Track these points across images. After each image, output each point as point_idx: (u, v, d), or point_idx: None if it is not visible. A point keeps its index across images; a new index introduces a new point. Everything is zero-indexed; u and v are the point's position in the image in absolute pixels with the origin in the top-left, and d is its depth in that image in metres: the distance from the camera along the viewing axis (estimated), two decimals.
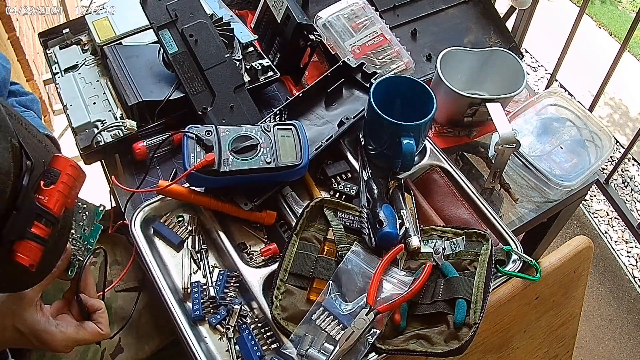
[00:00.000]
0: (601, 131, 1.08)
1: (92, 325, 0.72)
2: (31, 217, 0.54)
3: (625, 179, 2.52)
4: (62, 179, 0.58)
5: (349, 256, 0.83)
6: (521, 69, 1.06)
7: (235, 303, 0.83)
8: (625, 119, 2.96)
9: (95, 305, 0.73)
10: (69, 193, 0.59)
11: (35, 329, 0.67)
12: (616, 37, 3.42)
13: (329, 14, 1.13)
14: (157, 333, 0.94)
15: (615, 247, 2.18)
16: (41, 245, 0.55)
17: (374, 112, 0.89)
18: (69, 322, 0.70)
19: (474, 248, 0.85)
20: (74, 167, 0.60)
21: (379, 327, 0.77)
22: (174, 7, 0.99)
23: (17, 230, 0.53)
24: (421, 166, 0.98)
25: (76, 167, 0.60)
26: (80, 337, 0.70)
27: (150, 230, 0.90)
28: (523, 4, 1.26)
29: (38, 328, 0.67)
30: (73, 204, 0.62)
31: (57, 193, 0.57)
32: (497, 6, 1.29)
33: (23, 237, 0.53)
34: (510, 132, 0.95)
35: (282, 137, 0.89)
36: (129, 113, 1.00)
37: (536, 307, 0.96)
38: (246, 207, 0.88)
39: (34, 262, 0.54)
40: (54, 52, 1.11)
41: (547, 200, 1.03)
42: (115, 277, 0.95)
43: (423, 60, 1.18)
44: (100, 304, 0.73)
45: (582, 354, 1.77)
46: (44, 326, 0.67)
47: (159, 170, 0.99)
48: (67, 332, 0.69)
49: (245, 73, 1.06)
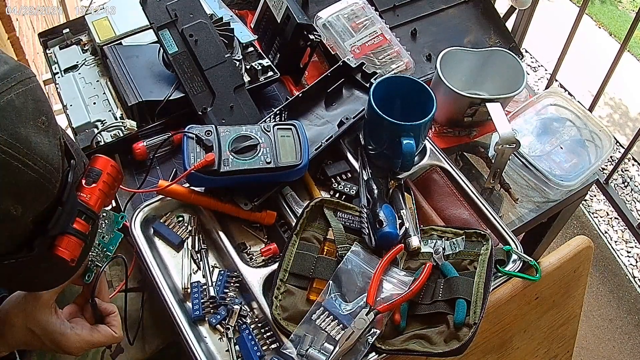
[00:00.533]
0: (601, 131, 1.08)
1: (105, 328, 0.72)
2: (74, 213, 0.56)
3: (625, 179, 2.52)
4: (103, 178, 0.61)
5: (349, 256, 0.83)
6: (521, 69, 1.06)
7: (235, 303, 0.83)
8: (625, 119, 2.96)
9: (108, 309, 0.74)
10: (108, 192, 0.61)
11: (49, 330, 0.67)
12: (616, 37, 3.42)
13: (329, 14, 1.13)
14: (158, 333, 0.94)
15: (615, 247, 2.18)
16: (81, 241, 0.57)
17: (374, 112, 0.89)
18: (83, 324, 0.71)
19: (474, 248, 0.85)
20: (114, 167, 0.63)
21: (379, 327, 0.77)
22: (174, 7, 0.99)
23: (61, 225, 0.54)
24: (421, 166, 0.98)
25: (116, 167, 0.63)
26: (95, 340, 0.70)
27: (150, 230, 0.90)
28: (523, 4, 1.26)
29: (53, 330, 0.67)
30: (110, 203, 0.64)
31: (98, 191, 0.60)
32: (497, 6, 1.30)
33: (65, 231, 0.55)
34: (510, 132, 0.95)
35: (282, 137, 0.89)
36: (129, 113, 1.00)
37: (536, 307, 0.96)
38: (246, 207, 0.88)
39: (75, 256, 0.56)
40: (54, 52, 1.11)
41: (547, 200, 1.03)
42: (115, 277, 0.95)
43: (423, 60, 1.18)
44: (113, 308, 0.74)
45: (582, 354, 1.77)
46: (58, 328, 0.68)
47: (159, 170, 0.99)
48: (81, 334, 0.69)
49: (245, 73, 1.06)
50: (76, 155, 0.58)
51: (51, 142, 0.51)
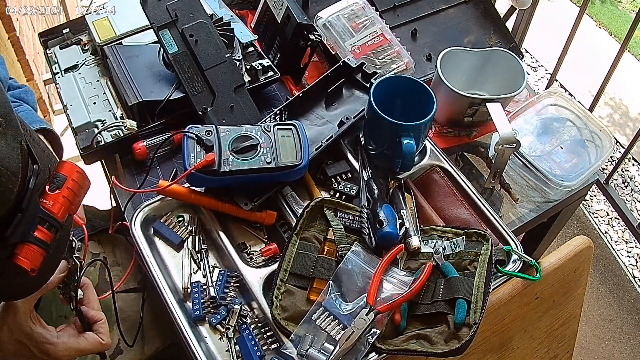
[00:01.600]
0: (601, 131, 1.08)
1: (93, 335, 0.72)
2: (35, 221, 0.53)
3: (626, 179, 2.52)
4: (68, 185, 0.58)
5: (349, 256, 0.83)
6: (521, 69, 1.06)
7: (235, 303, 0.83)
8: (625, 119, 2.96)
9: (96, 317, 0.73)
10: (73, 199, 0.58)
11: (36, 339, 0.67)
12: (616, 37, 3.42)
13: (329, 14, 1.13)
14: (157, 335, 0.94)
15: (616, 247, 2.18)
16: (43, 250, 0.54)
17: (374, 112, 0.89)
18: (71, 332, 0.71)
19: (474, 248, 0.85)
20: (80, 174, 0.60)
21: (379, 327, 0.77)
22: (174, 7, 0.99)
23: (21, 233, 0.52)
24: (421, 166, 0.98)
25: (82, 174, 0.60)
26: (82, 347, 0.70)
27: (150, 230, 0.90)
28: (523, 4, 1.26)
29: (40, 339, 0.67)
30: (76, 211, 0.62)
31: (62, 198, 0.57)
32: (497, 6, 1.29)
33: (26, 240, 0.52)
34: (510, 132, 0.95)
35: (282, 137, 0.89)
36: (129, 113, 1.00)
37: (536, 307, 0.96)
38: (246, 207, 0.88)
39: (35, 266, 0.53)
40: (54, 52, 1.11)
41: (547, 200, 1.03)
42: (116, 277, 0.95)
43: (423, 60, 1.18)
44: (101, 316, 0.74)
45: (582, 354, 1.77)
46: (45, 337, 0.68)
47: (159, 170, 0.99)
48: (68, 342, 0.69)
49: (245, 73, 1.06)
50: (41, 160, 0.55)
51: (9, 145, 0.49)
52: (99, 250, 0.98)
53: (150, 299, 0.94)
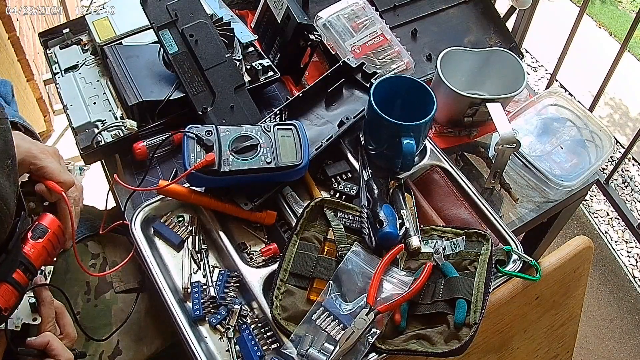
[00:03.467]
0: (601, 131, 1.08)
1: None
2: (16, 263, 0.55)
3: (626, 179, 2.52)
4: (49, 237, 0.61)
5: (349, 256, 0.83)
6: (521, 69, 1.06)
7: (235, 303, 0.83)
8: (625, 119, 2.96)
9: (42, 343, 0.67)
10: (51, 251, 0.61)
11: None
12: (616, 37, 3.42)
13: (329, 14, 1.13)
14: (157, 336, 0.93)
15: (616, 247, 2.18)
16: (17, 293, 0.55)
17: (374, 112, 0.89)
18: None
19: (474, 248, 0.85)
20: (60, 228, 0.63)
21: (379, 327, 0.77)
22: (174, 7, 0.99)
23: (2, 273, 0.53)
24: (421, 166, 0.98)
25: (61, 228, 0.63)
26: None
27: (150, 230, 0.90)
28: (523, 4, 1.26)
29: None
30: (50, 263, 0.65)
31: (42, 248, 0.60)
32: (497, 6, 1.29)
33: (5, 280, 0.54)
34: (510, 132, 0.95)
35: (282, 137, 0.89)
36: (129, 113, 1.00)
37: (536, 307, 0.96)
38: (246, 207, 0.88)
39: (8, 306, 0.55)
40: (54, 52, 1.11)
41: (547, 200, 1.03)
42: (115, 277, 0.95)
43: (423, 60, 1.18)
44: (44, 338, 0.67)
45: (583, 354, 1.77)
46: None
47: (159, 170, 0.99)
48: None
49: (245, 73, 1.06)
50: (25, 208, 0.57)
51: (11, 187, 0.51)
52: (99, 251, 0.98)
53: (151, 300, 0.94)
